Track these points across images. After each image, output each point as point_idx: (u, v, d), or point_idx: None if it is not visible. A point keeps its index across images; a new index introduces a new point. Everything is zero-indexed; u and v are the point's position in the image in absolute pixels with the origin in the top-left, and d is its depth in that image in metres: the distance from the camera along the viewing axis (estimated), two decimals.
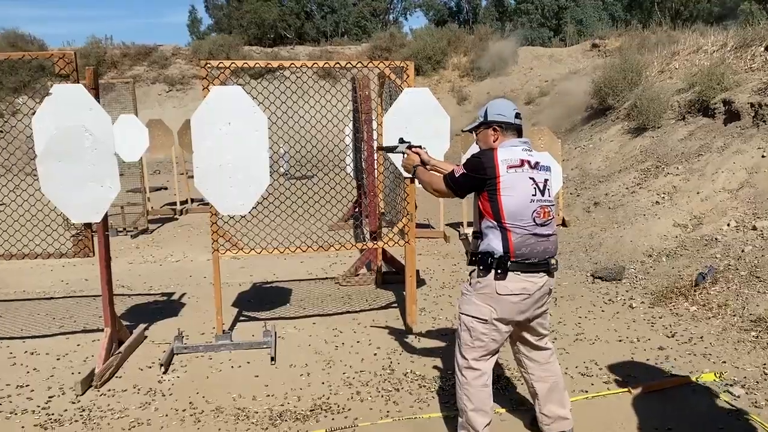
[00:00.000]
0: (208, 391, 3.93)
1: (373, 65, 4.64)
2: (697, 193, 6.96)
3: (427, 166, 3.54)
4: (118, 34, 31.98)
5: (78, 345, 4.72)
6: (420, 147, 3.64)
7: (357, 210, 8.21)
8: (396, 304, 5.47)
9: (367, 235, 7.47)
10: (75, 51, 4.47)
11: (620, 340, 4.60)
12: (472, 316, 2.96)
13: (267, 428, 3.46)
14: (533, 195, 2.89)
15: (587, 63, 18.80)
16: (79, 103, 4.01)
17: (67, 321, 5.27)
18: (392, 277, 6.08)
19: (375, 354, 4.44)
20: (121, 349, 4.43)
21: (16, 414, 3.69)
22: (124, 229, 8.92)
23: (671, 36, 15.66)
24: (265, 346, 4.57)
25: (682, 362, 4.17)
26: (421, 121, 4.56)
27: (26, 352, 4.61)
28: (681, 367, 4.08)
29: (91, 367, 4.15)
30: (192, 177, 4.95)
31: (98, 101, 4.12)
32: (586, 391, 3.79)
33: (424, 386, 3.91)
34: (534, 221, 2.89)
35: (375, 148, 3.71)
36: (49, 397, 3.90)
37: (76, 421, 3.60)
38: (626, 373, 4.04)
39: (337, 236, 7.57)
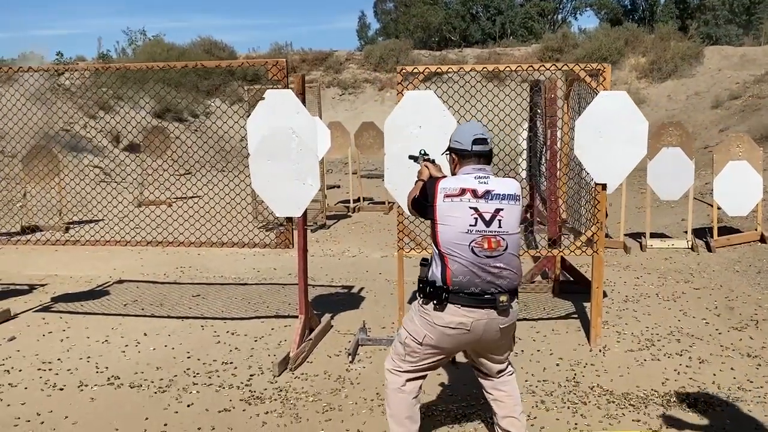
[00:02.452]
0: None
1: (568, 67, 4.53)
2: None
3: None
4: (296, 40, 34.12)
5: (272, 329, 5.11)
6: (432, 161, 3.36)
7: (529, 215, 8.06)
8: (576, 315, 5.30)
9: (541, 242, 7.31)
10: (265, 58, 4.82)
11: None
12: (409, 333, 2.97)
13: (453, 427, 3.52)
14: (471, 225, 2.80)
15: None
16: (288, 107, 4.34)
17: (260, 306, 5.73)
18: (569, 286, 5.89)
19: (557, 364, 4.34)
20: (312, 336, 4.73)
21: (224, 388, 4.09)
22: None
23: None
24: None
25: None
26: (615, 125, 4.39)
27: (227, 332, 5.08)
28: None
29: (285, 351, 4.48)
30: (364, 177, 5.19)
31: (304, 105, 4.42)
32: None
33: (613, 402, 3.76)
34: (473, 252, 2.78)
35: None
36: (251, 375, 4.26)
37: (275, 399, 3.91)
38: None
39: None
